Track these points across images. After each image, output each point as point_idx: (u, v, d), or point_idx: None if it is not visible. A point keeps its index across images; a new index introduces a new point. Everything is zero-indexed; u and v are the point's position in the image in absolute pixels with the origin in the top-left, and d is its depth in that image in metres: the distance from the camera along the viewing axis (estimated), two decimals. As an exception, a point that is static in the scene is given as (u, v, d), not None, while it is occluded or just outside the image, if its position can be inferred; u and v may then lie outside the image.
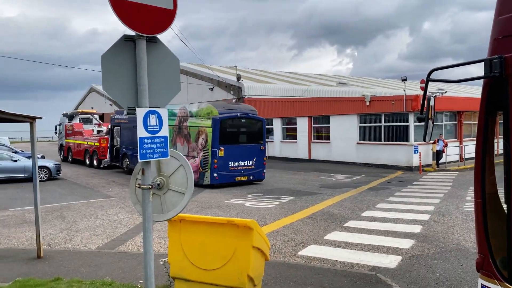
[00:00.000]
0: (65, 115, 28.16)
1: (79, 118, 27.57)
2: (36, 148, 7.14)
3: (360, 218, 9.62)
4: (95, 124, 27.30)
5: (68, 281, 5.43)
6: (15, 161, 17.73)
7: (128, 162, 20.02)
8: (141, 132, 3.57)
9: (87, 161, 24.06)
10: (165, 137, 3.73)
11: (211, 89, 32.19)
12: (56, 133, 29.78)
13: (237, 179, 15.20)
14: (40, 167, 17.64)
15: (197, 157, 15.32)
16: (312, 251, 7.15)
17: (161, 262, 5.09)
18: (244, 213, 10.33)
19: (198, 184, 14.72)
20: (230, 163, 14.99)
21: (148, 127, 3.62)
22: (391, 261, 6.52)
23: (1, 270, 6.24)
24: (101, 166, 22.69)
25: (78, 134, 25.48)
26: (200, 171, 15.05)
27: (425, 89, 4.71)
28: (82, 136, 24.96)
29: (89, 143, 23.92)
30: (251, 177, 15.61)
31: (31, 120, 6.99)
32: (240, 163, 15.27)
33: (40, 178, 17.43)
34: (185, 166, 3.91)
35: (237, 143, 15.40)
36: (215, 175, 14.69)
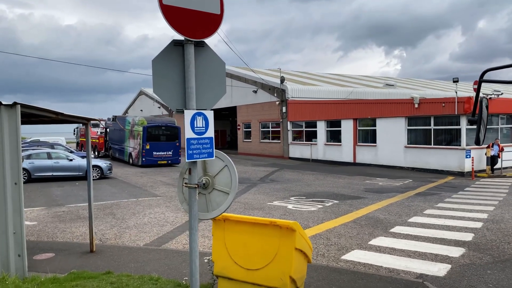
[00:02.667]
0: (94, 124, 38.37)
1: (89, 123, 37.75)
2: (90, 147, 7.54)
3: (407, 224, 9.32)
4: (101, 127, 36.59)
5: (118, 275, 5.70)
6: (71, 160, 18.81)
7: (112, 153, 31.34)
8: (189, 133, 3.69)
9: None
10: (210, 138, 3.84)
11: (255, 91, 32.44)
12: (74, 134, 43.69)
13: (159, 162, 24.77)
14: (93, 166, 18.61)
15: (137, 148, 25.49)
16: (356, 255, 7.02)
17: (206, 260, 5.21)
18: (287, 216, 10.33)
19: (136, 164, 25.53)
20: (154, 152, 24.58)
21: (195, 129, 3.74)
22: (439, 269, 6.27)
23: (58, 262, 6.66)
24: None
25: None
26: (137, 156, 25.30)
27: (477, 90, 4.50)
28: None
29: (93, 139, 34.07)
30: (169, 161, 25.18)
31: (86, 121, 7.41)
32: (161, 153, 24.85)
33: (93, 176, 18.38)
34: (229, 167, 4.00)
35: (159, 141, 24.88)
36: (144, 159, 24.58)
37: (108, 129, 32.32)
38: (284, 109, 29.54)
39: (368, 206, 11.44)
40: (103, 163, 19.47)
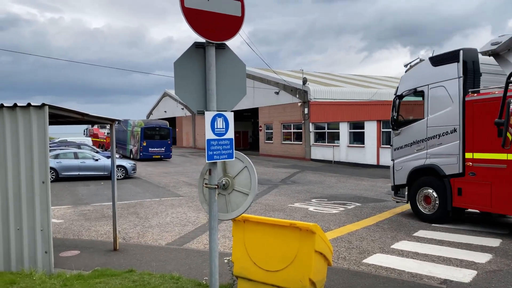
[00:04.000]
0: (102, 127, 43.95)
1: (98, 125, 42.91)
2: (114, 148, 7.71)
3: (431, 228, 9.11)
4: (107, 128, 42.03)
5: (140, 273, 5.81)
6: (96, 160, 19.28)
7: (117, 150, 40.33)
8: (209, 135, 3.74)
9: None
10: (231, 140, 3.87)
11: (277, 93, 32.41)
12: (84, 134, 48.06)
13: (154, 156, 30.25)
14: (117, 166, 18.99)
15: (136, 146, 31.15)
16: (378, 259, 6.92)
17: (225, 261, 5.24)
18: (308, 218, 10.28)
19: (135, 158, 30.47)
20: (149, 149, 30.17)
21: (215, 130, 3.78)
22: (464, 275, 6.10)
23: (83, 260, 6.84)
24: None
25: (96, 135, 43.68)
26: (137, 152, 30.79)
27: (504, 92, 4.36)
28: (97, 136, 42.65)
29: (101, 139, 41.61)
30: (162, 156, 30.81)
31: (111, 122, 7.58)
32: (155, 149, 30.40)
33: (117, 176, 18.78)
34: (249, 168, 4.02)
35: (154, 139, 30.52)
36: (141, 154, 30.07)
37: (119, 131, 39.66)
38: (306, 111, 29.40)
39: (391, 210, 11.25)
40: (127, 163, 19.86)
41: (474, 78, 8.83)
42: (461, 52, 8.80)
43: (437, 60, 9.39)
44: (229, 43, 3.92)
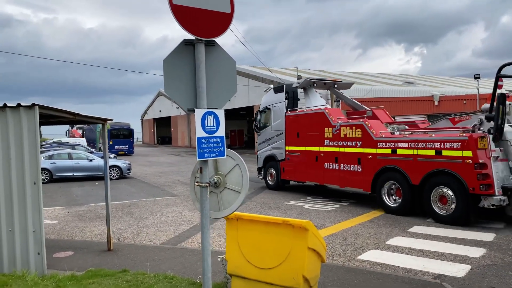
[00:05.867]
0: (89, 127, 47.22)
1: (77, 126, 48.02)
2: (107, 148, 7.66)
3: (426, 224, 9.14)
4: (82, 130, 47.48)
5: (134, 273, 5.77)
6: (91, 160, 19.18)
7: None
8: (199, 132, 3.71)
9: None
10: (221, 137, 3.85)
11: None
12: (66, 135, 51.09)
13: (119, 152, 35.01)
14: (112, 166, 18.93)
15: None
16: (373, 255, 6.93)
17: (219, 259, 5.22)
18: (303, 215, 10.28)
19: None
20: (115, 146, 35.86)
21: (206, 128, 3.76)
22: (458, 270, 6.12)
23: (77, 260, 6.80)
24: None
25: (73, 135, 47.69)
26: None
27: (494, 86, 4.39)
28: (74, 137, 45.64)
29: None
30: (126, 152, 36.89)
31: (103, 122, 7.54)
32: (120, 146, 36.60)
33: (112, 176, 18.71)
34: (240, 166, 3.99)
35: (119, 138, 36.96)
36: (108, 150, 30.79)
37: (84, 132, 45.63)
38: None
39: (386, 206, 11.26)
40: (122, 163, 19.78)
41: (294, 101, 13.94)
42: (285, 86, 14.21)
43: (276, 90, 14.59)
44: (224, 41, 3.94)
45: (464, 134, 8.72)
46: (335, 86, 14.47)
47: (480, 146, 8.39)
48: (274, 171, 14.51)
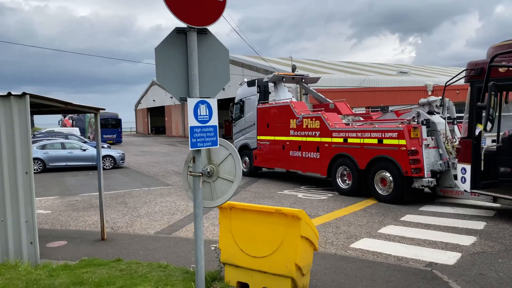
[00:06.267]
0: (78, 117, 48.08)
1: (69, 116, 47.40)
2: (100, 138, 7.61)
3: (418, 212, 9.23)
4: (72, 120, 46.97)
5: (128, 262, 5.79)
6: (84, 150, 19.07)
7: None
8: (192, 122, 3.69)
9: None
10: (214, 127, 3.83)
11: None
12: (59, 125, 50.10)
13: (107, 141, 33.67)
14: (105, 156, 18.85)
15: (93, 133, 36.31)
16: (365, 244, 6.99)
17: (212, 248, 5.25)
18: (297, 204, 10.33)
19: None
20: (103, 135, 35.00)
21: (199, 117, 3.74)
22: (449, 258, 6.21)
23: (70, 250, 6.80)
24: None
25: (64, 125, 46.58)
26: (94, 138, 32.07)
27: (486, 75, 4.38)
28: (66, 126, 44.74)
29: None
30: (114, 141, 37.17)
31: (95, 111, 7.47)
32: (108, 135, 36.92)
33: (106, 166, 18.64)
34: (233, 155, 3.99)
35: (107, 128, 37.73)
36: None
37: (74, 121, 45.76)
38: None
39: (379, 195, 11.35)
40: (115, 153, 19.69)
41: (265, 95, 14.91)
42: (257, 80, 15.04)
43: (249, 83, 15.40)
44: (218, 30, 3.91)
45: (400, 125, 10.00)
46: (303, 80, 15.73)
47: (413, 136, 9.68)
48: (248, 159, 15.51)
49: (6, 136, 5.66)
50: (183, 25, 3.68)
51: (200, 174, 3.79)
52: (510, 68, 7.51)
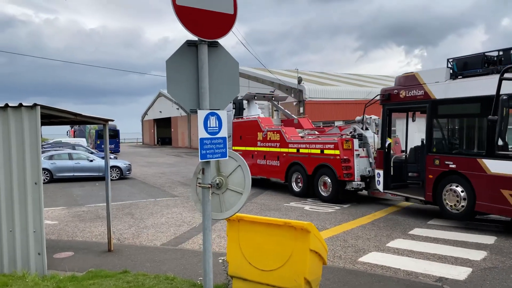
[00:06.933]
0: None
1: (73, 127, 48.77)
2: (108, 148, 7.65)
3: (426, 226, 9.13)
4: (72, 130, 49.38)
5: (135, 274, 5.76)
6: (91, 161, 19.15)
7: None
8: (202, 133, 3.70)
9: None
10: (224, 138, 3.84)
11: (272, 92, 32.39)
12: (67, 134, 51.33)
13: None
14: (112, 166, 18.91)
15: (92, 143, 39.55)
16: (373, 258, 6.91)
17: (220, 261, 5.21)
18: (303, 217, 10.26)
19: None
20: (102, 145, 33.63)
21: (208, 129, 3.75)
22: (459, 273, 6.11)
23: (77, 261, 6.78)
24: None
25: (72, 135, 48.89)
26: (93, 147, 35.92)
27: (497, 89, 4.38)
28: (72, 137, 45.57)
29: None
30: (112, 151, 35.64)
31: (104, 122, 7.52)
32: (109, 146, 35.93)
33: (112, 177, 18.68)
34: (242, 167, 3.99)
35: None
36: (97, 150, 31.52)
37: (75, 132, 48.06)
38: (301, 110, 29.40)
39: (386, 208, 11.26)
40: (122, 164, 19.75)
41: (240, 110, 16.78)
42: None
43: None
44: (225, 42, 3.91)
45: (336, 139, 12.02)
46: (273, 98, 17.88)
47: (345, 147, 11.69)
48: None
49: (16, 146, 5.71)
50: (193, 38, 3.72)
51: (210, 185, 3.79)
52: (406, 95, 10.00)
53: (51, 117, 6.94)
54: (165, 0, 3.60)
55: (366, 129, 12.54)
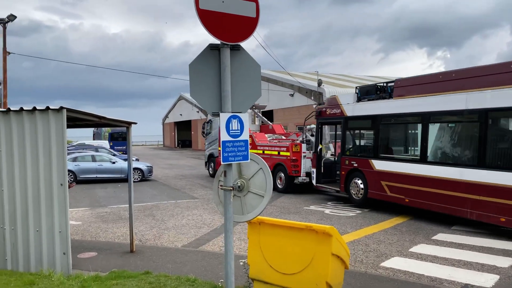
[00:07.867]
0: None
1: (93, 130, 51.42)
2: (131, 151, 7.77)
3: (450, 231, 8.92)
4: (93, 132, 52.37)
5: (156, 275, 5.83)
6: (114, 162, 19.50)
7: None
8: (224, 136, 3.72)
9: None
10: (245, 141, 3.85)
11: (292, 95, 32.29)
12: (94, 137, 52.14)
13: (119, 152, 33.45)
14: (134, 168, 19.19)
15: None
16: (396, 263, 6.79)
17: (241, 263, 5.22)
18: (324, 220, 10.18)
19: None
20: (115, 147, 37.21)
21: (231, 131, 3.76)
22: (486, 280, 5.94)
23: (100, 261, 6.91)
24: None
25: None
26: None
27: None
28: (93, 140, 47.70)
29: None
30: (124, 152, 35.16)
31: (127, 125, 7.65)
32: (119, 147, 38.05)
33: (134, 179, 18.97)
34: (264, 170, 3.99)
35: (117, 140, 40.27)
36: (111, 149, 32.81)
37: (94, 134, 50.21)
38: (321, 113, 29.20)
39: (408, 213, 11.06)
40: (144, 166, 20.04)
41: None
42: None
43: (213, 114, 19.78)
44: (244, 45, 3.90)
45: (287, 143, 15.01)
46: (253, 107, 19.75)
47: (295, 150, 14.60)
48: (213, 164, 20.75)
49: (43, 148, 5.87)
50: (216, 41, 3.74)
51: (231, 188, 3.80)
52: (330, 112, 13.13)
53: (76, 119, 7.10)
54: (187, 5, 3.65)
55: (312, 135, 15.22)
